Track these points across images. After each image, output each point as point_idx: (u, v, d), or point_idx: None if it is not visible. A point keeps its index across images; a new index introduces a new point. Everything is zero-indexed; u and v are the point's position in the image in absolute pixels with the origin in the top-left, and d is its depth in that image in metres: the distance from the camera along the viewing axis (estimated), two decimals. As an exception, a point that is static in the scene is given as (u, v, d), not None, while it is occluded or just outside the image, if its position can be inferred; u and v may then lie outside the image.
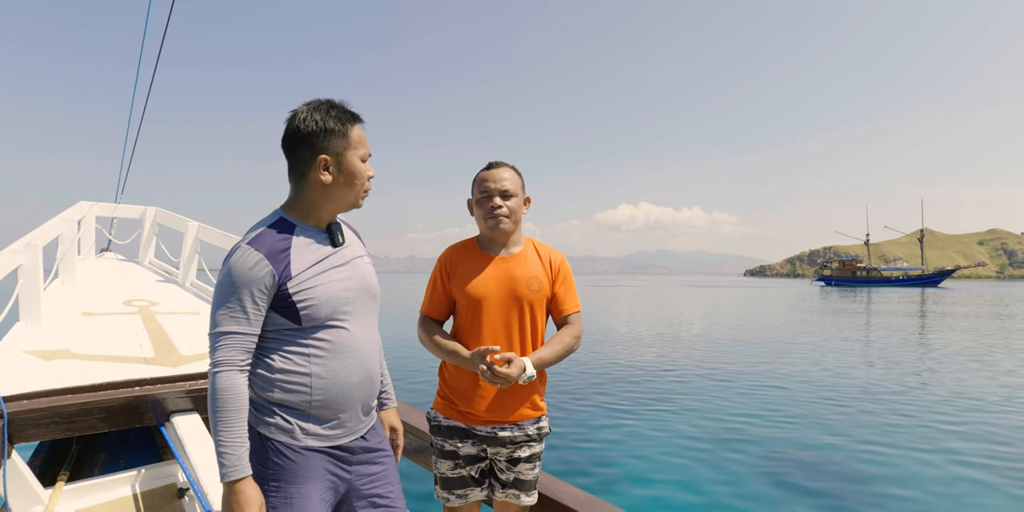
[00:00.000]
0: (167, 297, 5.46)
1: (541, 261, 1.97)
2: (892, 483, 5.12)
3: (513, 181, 1.89)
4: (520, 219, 1.95)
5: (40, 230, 4.31)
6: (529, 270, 1.93)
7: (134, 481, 2.91)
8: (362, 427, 1.56)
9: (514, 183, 1.89)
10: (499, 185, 1.87)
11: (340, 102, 1.50)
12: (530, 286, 1.90)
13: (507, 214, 1.87)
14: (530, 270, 1.93)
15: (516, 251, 1.96)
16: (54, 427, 2.60)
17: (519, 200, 1.92)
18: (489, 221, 1.88)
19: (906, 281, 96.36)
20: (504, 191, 1.87)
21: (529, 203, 1.98)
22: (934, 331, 18.94)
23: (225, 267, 1.42)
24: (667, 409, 7.74)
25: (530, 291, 1.90)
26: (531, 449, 1.92)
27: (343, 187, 1.49)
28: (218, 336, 1.38)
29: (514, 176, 1.91)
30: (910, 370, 10.99)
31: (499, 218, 1.87)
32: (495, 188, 1.87)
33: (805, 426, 6.97)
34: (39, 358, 3.18)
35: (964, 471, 5.42)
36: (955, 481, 5.19)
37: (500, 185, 1.87)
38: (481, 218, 1.91)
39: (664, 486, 5.00)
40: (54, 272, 5.19)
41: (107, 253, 8.03)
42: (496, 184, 1.87)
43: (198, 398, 3.01)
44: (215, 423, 1.34)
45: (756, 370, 10.85)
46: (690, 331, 18.24)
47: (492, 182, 1.87)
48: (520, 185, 1.92)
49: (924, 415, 7.56)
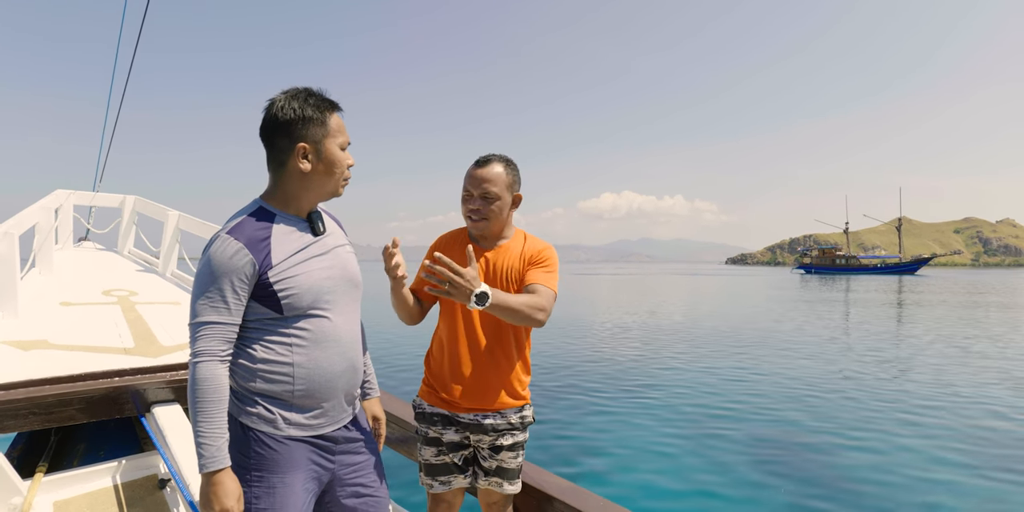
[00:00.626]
0: (147, 287, 5.39)
1: (523, 251, 1.96)
2: (872, 468, 5.25)
3: (499, 181, 1.86)
4: (505, 217, 1.93)
5: (16, 219, 4.23)
6: (508, 262, 1.94)
7: (114, 472, 2.90)
8: (345, 417, 1.56)
9: (500, 183, 1.86)
10: (480, 188, 1.85)
11: (318, 90, 1.49)
12: (509, 277, 1.92)
13: (484, 217, 1.87)
14: (509, 262, 1.94)
15: (503, 243, 1.97)
16: (32, 418, 2.57)
17: (504, 201, 1.88)
18: (468, 221, 1.91)
19: (884, 269, 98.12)
20: (485, 193, 1.85)
21: (519, 201, 1.95)
22: (912, 318, 19.35)
23: (205, 257, 1.41)
24: (650, 398, 7.84)
25: (508, 282, 1.91)
26: (514, 438, 1.93)
27: (322, 175, 1.48)
28: (198, 326, 1.37)
29: (502, 175, 1.87)
30: (889, 357, 11.23)
31: (476, 220, 1.88)
32: (476, 192, 1.86)
33: (787, 413, 7.10)
34: (16, 348, 3.14)
35: (944, 455, 5.58)
36: (933, 466, 5.33)
37: (481, 188, 1.85)
38: (464, 215, 1.93)
39: (647, 474, 5.08)
40: (31, 262, 5.11)
41: (85, 242, 7.90)
42: (477, 188, 1.85)
43: (179, 389, 2.99)
44: (195, 414, 1.33)
45: (738, 358, 11.01)
46: (673, 319, 18.43)
47: (474, 185, 1.86)
48: (507, 184, 1.88)
49: (904, 401, 7.74)
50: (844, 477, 5.00)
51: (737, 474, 5.06)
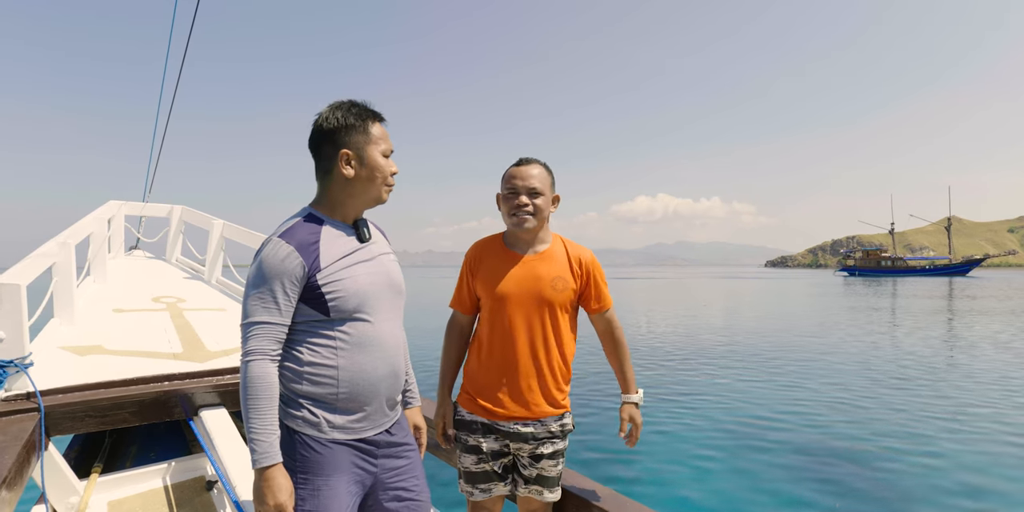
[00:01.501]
0: (194, 294, 5.56)
1: (569, 260, 1.95)
2: (918, 477, 5.06)
3: (542, 179, 1.87)
4: (547, 217, 1.93)
5: (72, 229, 4.41)
6: (555, 269, 1.91)
7: (164, 474, 2.99)
8: (387, 421, 1.59)
9: (543, 181, 1.87)
10: (527, 183, 1.85)
11: (362, 101, 1.55)
12: (555, 286, 1.89)
13: (532, 212, 1.85)
14: (555, 269, 1.91)
15: (542, 249, 1.94)
16: (88, 420, 2.66)
17: (547, 199, 1.89)
18: (513, 218, 1.87)
19: (933, 270, 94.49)
20: (532, 189, 1.85)
21: (558, 202, 1.96)
22: (967, 322, 18.57)
23: (257, 259, 1.46)
24: (690, 405, 7.71)
25: (554, 291, 1.88)
26: (554, 446, 1.92)
27: (365, 181, 1.53)
28: (250, 326, 1.41)
29: (543, 173, 1.88)
30: (942, 362, 10.81)
31: (524, 216, 1.85)
32: (523, 185, 1.85)
33: (833, 422, 6.90)
34: (74, 354, 3.27)
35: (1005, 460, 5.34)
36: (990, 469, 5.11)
37: (528, 183, 1.85)
38: (506, 214, 1.90)
39: (687, 484, 4.99)
40: (86, 270, 5.32)
41: (135, 251, 8.20)
42: (524, 181, 1.85)
43: (224, 393, 3.06)
44: (247, 411, 1.37)
45: (782, 365, 10.75)
46: (714, 324, 18.11)
47: (520, 179, 1.85)
48: (549, 183, 1.90)
49: (957, 408, 7.44)
50: (891, 487, 4.83)
51: (777, 484, 4.93)
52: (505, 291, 1.88)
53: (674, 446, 5.90)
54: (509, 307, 1.88)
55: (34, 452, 2.27)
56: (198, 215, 7.10)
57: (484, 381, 1.92)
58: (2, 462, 1.93)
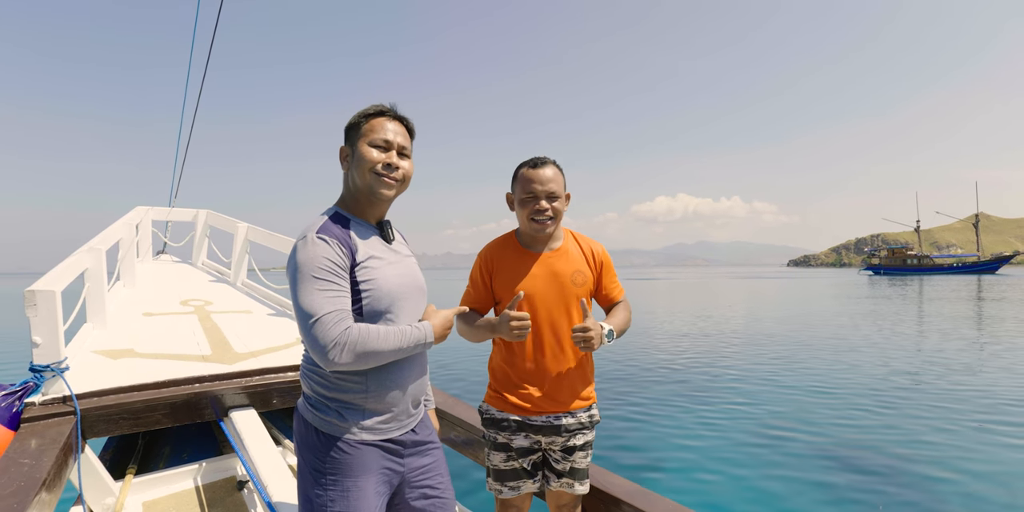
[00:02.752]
0: (220, 297, 5.64)
1: (583, 254, 1.99)
2: (945, 481, 4.95)
3: (558, 181, 1.88)
4: (561, 217, 1.95)
5: (103, 235, 4.50)
6: (573, 264, 1.95)
7: (196, 474, 3.04)
8: (412, 420, 1.60)
9: (558, 183, 1.88)
10: (546, 187, 1.85)
11: (388, 104, 1.56)
12: (575, 280, 1.93)
13: (552, 216, 1.87)
14: (574, 264, 1.95)
15: (557, 246, 1.97)
16: (123, 423, 2.72)
17: (563, 200, 1.91)
18: (535, 224, 1.88)
19: (961, 268, 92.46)
20: (551, 193, 1.86)
21: (569, 199, 1.98)
22: (999, 321, 18.13)
23: (298, 257, 1.40)
24: (713, 403, 7.64)
25: (575, 285, 1.92)
26: (584, 437, 1.95)
27: (356, 175, 1.52)
28: (318, 321, 1.33)
29: (558, 175, 1.90)
30: (973, 364, 10.57)
31: (545, 222, 1.87)
32: (542, 190, 1.85)
33: (861, 423, 6.78)
34: (106, 357, 3.34)
35: None
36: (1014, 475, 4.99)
37: (547, 187, 1.85)
38: (525, 218, 1.90)
39: (711, 482, 4.95)
40: (116, 274, 5.42)
41: (163, 255, 8.35)
42: (543, 186, 1.85)
43: (254, 394, 3.11)
44: (392, 352, 1.43)
45: (808, 364, 10.60)
46: (736, 324, 17.91)
47: (539, 184, 1.85)
48: (563, 183, 1.92)
49: (985, 412, 7.27)
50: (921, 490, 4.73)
51: (803, 484, 4.86)
52: (528, 290, 1.90)
53: (698, 443, 5.84)
54: (534, 305, 1.90)
55: (71, 454, 2.32)
56: (223, 219, 7.21)
57: (514, 379, 1.94)
58: (41, 464, 1.98)
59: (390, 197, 1.56)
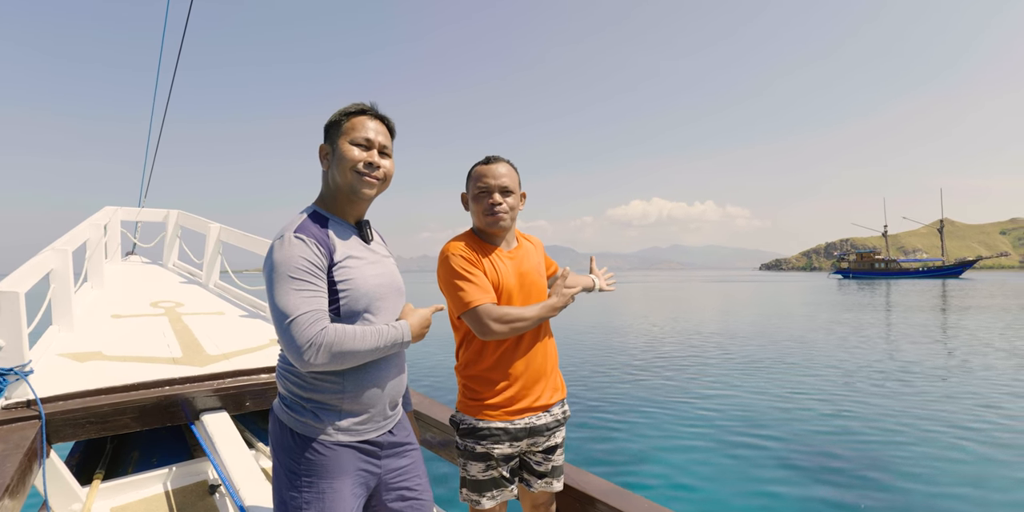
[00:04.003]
0: (192, 298, 5.55)
1: (536, 250, 2.06)
2: (913, 478, 5.08)
3: (511, 177, 1.88)
4: (516, 215, 1.95)
5: (69, 235, 4.39)
6: (533, 260, 2.00)
7: (166, 479, 2.98)
8: (389, 422, 1.59)
9: (512, 179, 1.89)
10: (498, 181, 1.85)
11: (368, 103, 1.56)
12: (541, 273, 2.00)
13: (506, 210, 1.87)
14: (534, 260, 2.00)
15: (515, 244, 2.00)
16: (89, 427, 2.66)
17: (517, 196, 1.92)
18: (488, 218, 1.87)
19: (926, 273, 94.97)
20: (503, 187, 1.86)
21: (525, 199, 1.98)
22: (962, 323, 18.66)
23: (275, 257, 1.38)
24: (686, 402, 7.74)
25: (541, 277, 1.99)
26: (561, 434, 1.98)
27: (336, 173, 1.51)
28: (294, 321, 1.32)
29: (511, 172, 1.90)
30: (938, 364, 10.86)
31: (499, 215, 1.86)
32: (495, 184, 1.85)
33: (830, 419, 6.93)
34: (73, 360, 3.26)
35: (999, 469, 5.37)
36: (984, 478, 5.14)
37: (499, 181, 1.85)
38: (479, 213, 1.89)
39: (682, 478, 5.01)
40: (83, 276, 5.30)
41: (132, 256, 8.17)
42: (496, 180, 1.85)
43: (225, 397, 3.07)
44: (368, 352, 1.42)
45: (780, 364, 10.79)
46: (710, 326, 18.14)
47: (492, 178, 1.85)
48: (517, 181, 1.92)
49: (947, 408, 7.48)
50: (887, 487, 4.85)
51: (774, 477, 4.95)
52: (507, 286, 1.89)
53: (671, 441, 5.90)
54: (510, 302, 1.88)
55: (36, 460, 2.27)
56: (194, 219, 7.09)
57: (497, 383, 1.87)
58: (4, 470, 1.92)
59: (371, 196, 1.54)
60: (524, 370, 1.89)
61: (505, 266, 1.90)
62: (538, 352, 1.92)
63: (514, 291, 1.89)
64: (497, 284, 1.87)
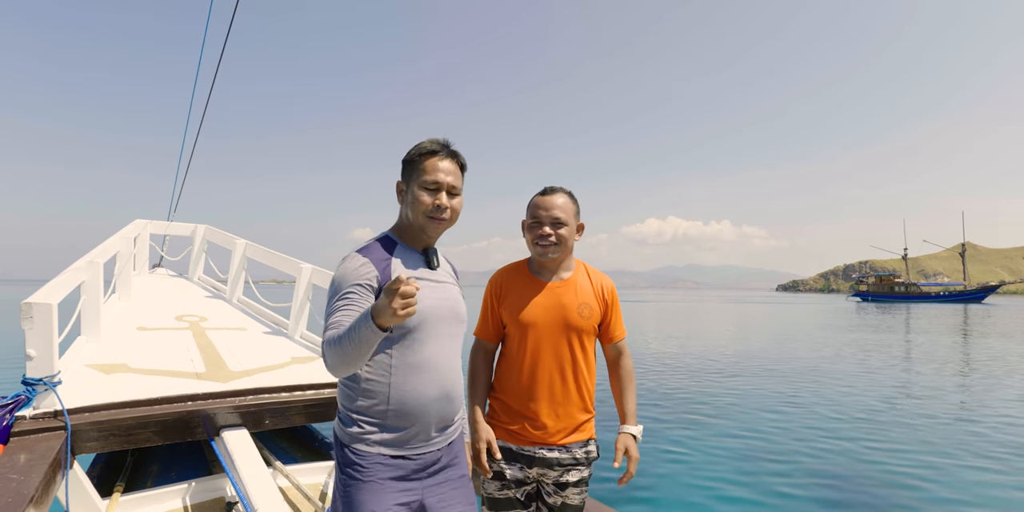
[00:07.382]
0: (216, 313, 5.61)
1: (593, 287, 1.99)
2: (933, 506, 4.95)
3: (566, 209, 1.91)
4: (572, 246, 1.97)
5: (101, 248, 4.49)
6: (580, 296, 1.94)
7: (185, 494, 3.00)
8: (435, 443, 1.60)
9: (566, 211, 1.91)
10: (550, 213, 1.89)
11: (441, 140, 1.63)
12: (581, 313, 1.92)
13: (556, 242, 1.89)
14: (581, 296, 1.94)
15: (567, 276, 1.98)
16: (112, 440, 2.69)
17: (571, 228, 1.93)
18: (537, 248, 1.91)
19: (947, 297, 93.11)
20: (555, 219, 1.89)
21: (583, 230, 1.99)
22: (987, 350, 18.25)
23: (337, 272, 1.57)
24: (717, 432, 7.62)
25: (581, 318, 1.92)
26: (579, 473, 1.93)
27: (408, 212, 1.64)
28: (326, 330, 1.46)
29: (567, 203, 1.92)
30: (962, 393, 10.62)
31: (548, 246, 1.89)
32: (546, 216, 1.89)
33: (851, 449, 6.78)
34: (99, 372, 3.31)
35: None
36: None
37: (551, 213, 1.89)
38: (531, 243, 1.94)
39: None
40: (112, 288, 5.39)
41: (158, 269, 8.30)
42: (548, 212, 1.89)
43: (246, 414, 3.08)
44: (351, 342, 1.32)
45: (801, 391, 10.61)
46: (729, 349, 17.93)
47: (544, 209, 1.90)
48: (573, 212, 1.94)
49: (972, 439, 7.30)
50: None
51: None
52: (532, 318, 1.90)
53: (701, 473, 5.80)
54: (536, 334, 1.90)
55: (60, 471, 2.30)
56: (221, 234, 7.21)
57: (510, 407, 1.93)
58: (30, 481, 1.96)
59: (439, 234, 1.68)
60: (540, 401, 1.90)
61: (540, 298, 1.92)
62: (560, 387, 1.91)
63: (539, 323, 1.90)
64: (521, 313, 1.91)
